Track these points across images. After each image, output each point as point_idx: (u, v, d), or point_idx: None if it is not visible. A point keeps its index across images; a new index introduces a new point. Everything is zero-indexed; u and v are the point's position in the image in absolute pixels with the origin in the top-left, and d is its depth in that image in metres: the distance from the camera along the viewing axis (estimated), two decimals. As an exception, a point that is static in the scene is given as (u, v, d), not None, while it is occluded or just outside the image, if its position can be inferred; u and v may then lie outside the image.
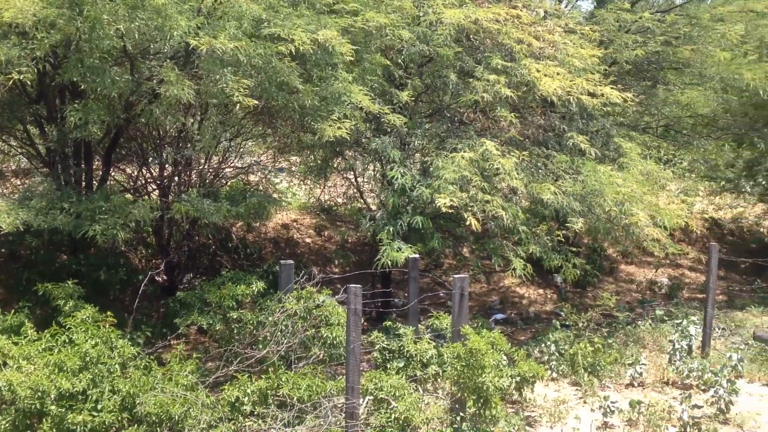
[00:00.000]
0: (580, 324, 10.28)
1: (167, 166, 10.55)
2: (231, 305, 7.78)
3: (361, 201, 12.75)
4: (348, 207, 14.41)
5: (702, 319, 10.01)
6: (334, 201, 14.85)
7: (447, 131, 10.06)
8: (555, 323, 10.39)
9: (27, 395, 6.00)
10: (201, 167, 10.91)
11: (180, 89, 7.17)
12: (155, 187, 10.78)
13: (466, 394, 6.94)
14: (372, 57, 9.12)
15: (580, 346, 9.09)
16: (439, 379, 7.81)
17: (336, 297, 7.83)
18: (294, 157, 13.00)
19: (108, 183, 9.73)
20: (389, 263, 8.66)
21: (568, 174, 9.84)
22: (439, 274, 13.83)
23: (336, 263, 13.65)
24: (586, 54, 10.38)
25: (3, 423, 6.16)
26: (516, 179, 8.91)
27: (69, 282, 7.46)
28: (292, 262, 7.94)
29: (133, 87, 7.77)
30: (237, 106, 7.61)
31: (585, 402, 8.42)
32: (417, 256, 8.66)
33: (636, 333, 10.81)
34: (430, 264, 14.05)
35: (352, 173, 12.65)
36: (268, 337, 7.40)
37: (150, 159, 10.82)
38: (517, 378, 7.66)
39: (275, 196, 11.59)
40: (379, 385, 6.91)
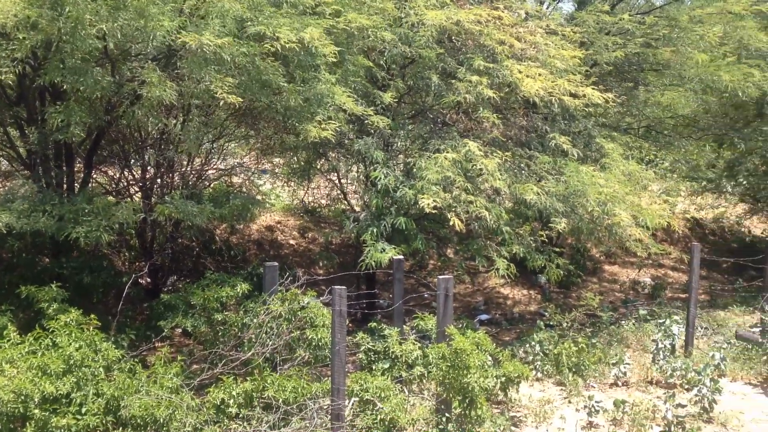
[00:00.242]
0: (564, 324, 10.31)
1: (149, 168, 10.51)
2: (215, 307, 7.77)
3: (345, 202, 12.76)
4: (332, 208, 14.43)
5: (685, 319, 10.07)
6: (317, 202, 14.84)
7: (430, 132, 10.08)
8: (539, 323, 10.41)
9: (10, 399, 5.92)
10: (183, 169, 10.87)
11: (162, 90, 7.14)
12: (137, 190, 10.74)
13: (451, 394, 6.94)
14: (355, 58, 9.12)
15: (564, 346, 9.11)
16: (425, 380, 7.81)
17: (321, 298, 7.81)
18: (277, 159, 12.99)
19: (90, 185, 9.67)
20: (373, 264, 8.66)
21: (550, 174, 9.88)
22: (424, 275, 13.85)
23: (320, 265, 13.63)
24: (567, 55, 10.43)
25: (-14, 427, 6.11)
26: (499, 180, 8.94)
27: (53, 285, 7.40)
28: (276, 264, 7.91)
29: (115, 88, 7.73)
30: (220, 103, 7.56)
31: (570, 402, 8.45)
32: (401, 257, 8.66)
33: (620, 333, 10.86)
34: (414, 265, 14.06)
35: (335, 175, 12.66)
36: (253, 339, 7.38)
37: (132, 161, 10.77)
38: (503, 378, 7.67)
39: (259, 197, 11.57)
40: (365, 387, 6.90)
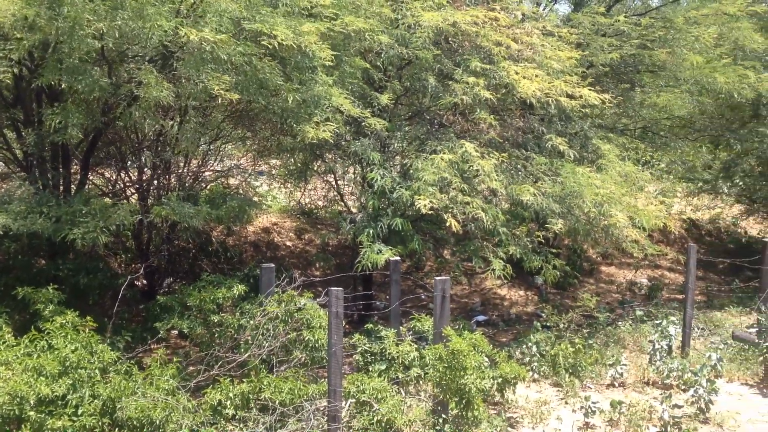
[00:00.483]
0: (561, 325, 10.33)
1: (146, 169, 10.50)
2: (211, 309, 7.77)
3: (342, 204, 12.75)
4: (328, 210, 14.41)
5: (681, 319, 10.07)
6: (314, 204, 14.83)
7: (427, 133, 10.08)
8: (536, 324, 10.43)
9: (5, 401, 5.92)
10: (180, 171, 10.86)
11: (159, 91, 7.14)
12: (134, 191, 10.73)
13: (448, 395, 6.95)
14: (351, 60, 9.11)
15: (561, 347, 9.12)
16: (422, 381, 7.82)
17: (317, 300, 7.83)
18: (274, 160, 12.98)
19: (86, 187, 9.66)
20: (369, 265, 8.66)
21: (547, 176, 9.89)
22: (421, 276, 13.85)
23: (317, 266, 13.63)
24: (564, 56, 10.43)
25: (-19, 429, 6.10)
26: (495, 181, 8.94)
27: (49, 288, 7.39)
28: (272, 265, 7.91)
29: (113, 90, 7.72)
30: (218, 101, 7.54)
31: (566, 403, 8.46)
32: (398, 258, 8.66)
33: (616, 333, 10.87)
34: (411, 266, 14.07)
35: (332, 176, 12.65)
36: (249, 341, 7.38)
37: (129, 163, 10.76)
38: (499, 379, 7.68)
39: (255, 199, 11.57)
40: (362, 388, 6.90)
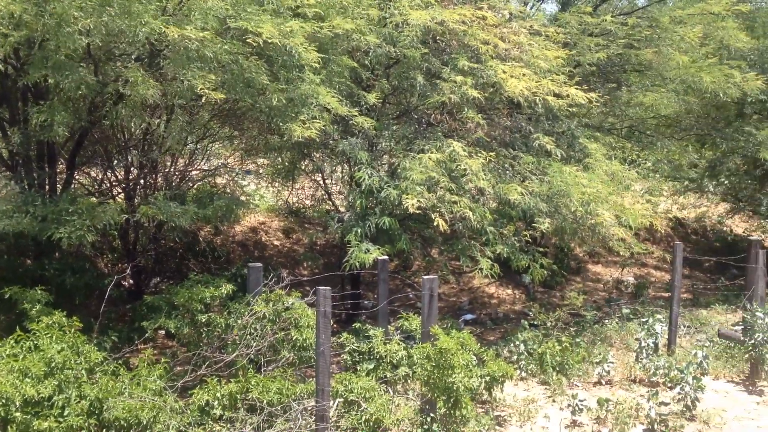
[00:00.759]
0: (548, 323, 10.36)
1: (133, 168, 10.45)
2: (199, 308, 7.73)
3: (330, 203, 12.74)
4: (316, 209, 14.40)
5: (668, 317, 10.12)
6: (302, 203, 14.81)
7: (414, 133, 10.08)
8: (524, 323, 10.45)
9: (-9, 402, 5.90)
10: (167, 170, 10.82)
11: (146, 89, 7.11)
12: (120, 191, 10.68)
13: (436, 394, 6.94)
14: (339, 59, 9.09)
15: (548, 345, 9.14)
16: (410, 380, 7.81)
17: (305, 299, 7.80)
18: (261, 160, 12.95)
19: (73, 186, 9.60)
20: (357, 265, 8.65)
21: (534, 175, 9.91)
22: (409, 275, 13.85)
23: (305, 265, 13.61)
24: (551, 55, 10.45)
25: (-34, 431, 6.05)
26: (483, 180, 8.95)
27: (37, 289, 7.35)
28: (260, 264, 7.89)
29: (99, 88, 7.68)
30: (203, 100, 7.51)
31: (554, 401, 8.48)
32: (386, 257, 8.66)
33: (603, 332, 10.91)
34: (399, 265, 14.07)
35: (320, 175, 12.65)
36: (237, 341, 7.36)
37: (115, 162, 10.71)
38: (487, 378, 7.68)
39: (243, 198, 11.53)
40: (350, 387, 6.90)
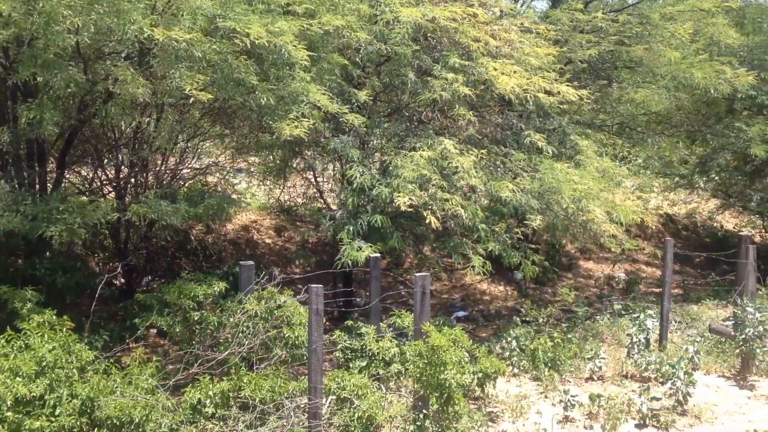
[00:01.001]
0: (540, 320, 10.38)
1: (123, 167, 10.41)
2: (191, 306, 7.72)
3: (321, 201, 12.73)
4: (308, 207, 14.39)
5: (659, 313, 10.17)
6: (294, 201, 14.79)
7: (406, 130, 10.08)
8: (516, 319, 10.47)
9: (-18, 402, 5.87)
10: (158, 168, 10.79)
11: (135, 87, 7.08)
12: (111, 189, 10.64)
13: (428, 391, 6.95)
14: (329, 56, 9.07)
15: (540, 341, 9.17)
16: (402, 377, 7.82)
17: (297, 297, 7.80)
18: (253, 158, 12.93)
19: (63, 185, 9.56)
20: (350, 263, 8.64)
21: (526, 172, 9.91)
22: (401, 272, 13.86)
23: (297, 263, 13.60)
24: (542, 52, 10.46)
25: (-43, 431, 6.03)
26: (475, 177, 8.96)
27: (28, 288, 7.32)
28: (252, 263, 7.87)
29: (88, 87, 7.65)
30: (193, 100, 7.48)
31: (546, 396, 8.50)
32: (378, 255, 8.66)
33: (595, 327, 10.94)
34: (391, 263, 14.07)
35: (311, 173, 12.63)
36: (229, 339, 7.35)
37: (105, 161, 10.67)
38: (479, 374, 7.70)
39: (234, 196, 11.49)
40: (342, 385, 6.90)
